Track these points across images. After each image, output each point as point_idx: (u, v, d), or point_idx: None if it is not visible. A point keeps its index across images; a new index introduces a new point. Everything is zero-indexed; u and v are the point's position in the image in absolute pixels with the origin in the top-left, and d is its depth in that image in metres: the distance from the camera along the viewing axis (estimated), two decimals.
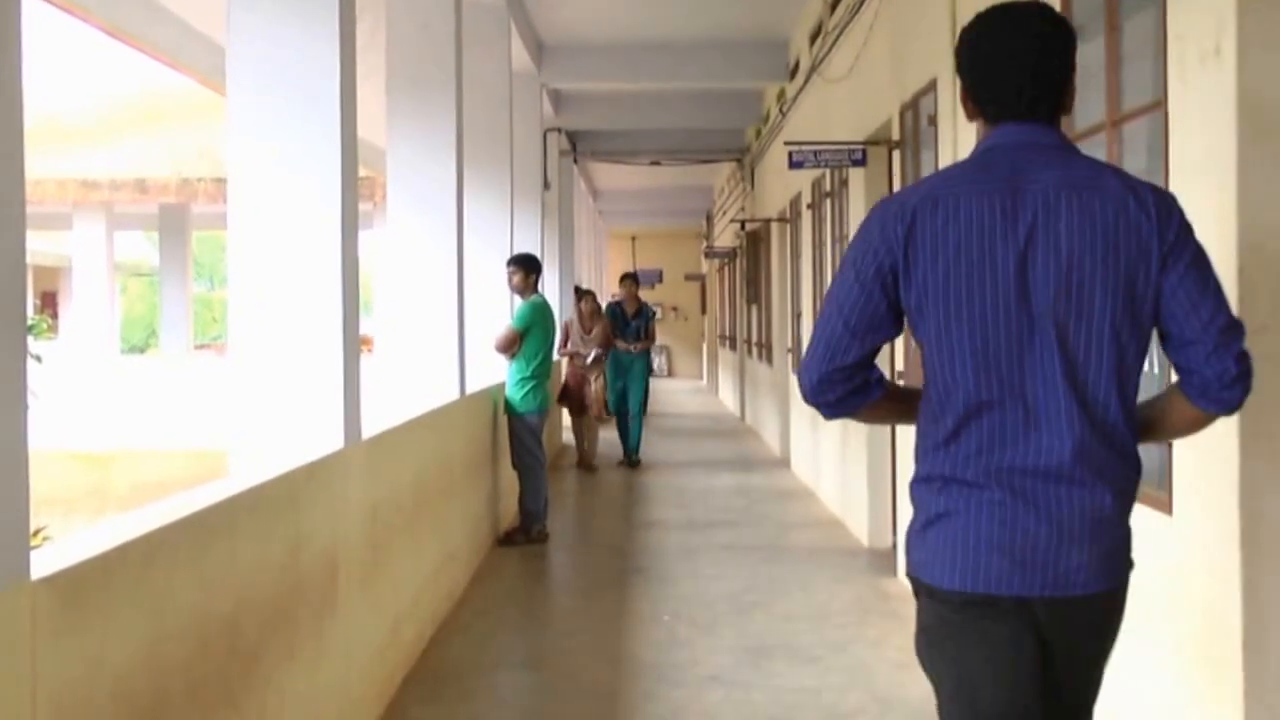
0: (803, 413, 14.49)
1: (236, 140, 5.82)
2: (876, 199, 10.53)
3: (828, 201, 12.84)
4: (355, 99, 6.09)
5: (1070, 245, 2.90)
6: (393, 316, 9.62)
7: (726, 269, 29.27)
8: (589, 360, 15.69)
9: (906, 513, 9.00)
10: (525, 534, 11.07)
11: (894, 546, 9.92)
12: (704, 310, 40.19)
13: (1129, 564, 3.02)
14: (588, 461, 16.12)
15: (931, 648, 3.04)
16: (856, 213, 11.06)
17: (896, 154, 9.52)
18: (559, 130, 20.29)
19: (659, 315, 16.75)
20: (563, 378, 16.30)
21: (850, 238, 11.23)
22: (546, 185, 18.39)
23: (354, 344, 6.05)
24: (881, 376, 3.09)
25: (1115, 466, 2.93)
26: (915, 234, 2.95)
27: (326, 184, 5.82)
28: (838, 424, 12.14)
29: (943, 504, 2.98)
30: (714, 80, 17.17)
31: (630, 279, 17.48)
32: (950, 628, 2.98)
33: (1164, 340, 3.00)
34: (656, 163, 23.99)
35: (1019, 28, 3.04)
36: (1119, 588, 3.00)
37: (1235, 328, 2.94)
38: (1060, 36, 3.05)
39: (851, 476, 11.48)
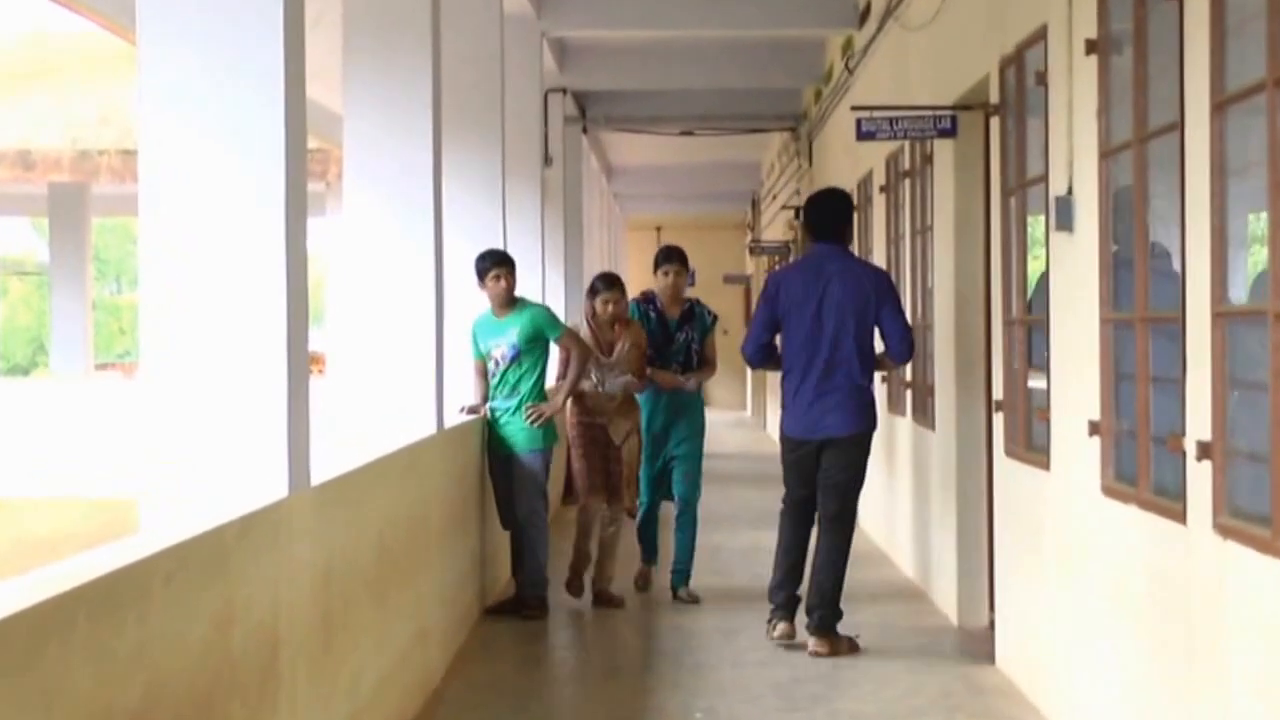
0: (875, 454, 14.46)
1: (150, 102, 5.83)
2: (970, 178, 10.57)
3: (906, 182, 12.83)
4: (303, 50, 6.10)
5: (840, 295, 9.88)
6: (351, 328, 9.63)
7: (777, 268, 29.27)
8: (612, 391, 11.67)
9: (1007, 584, 8.99)
10: (524, 605, 11.05)
11: (991, 626, 9.89)
12: (748, 321, 40.16)
13: (859, 424, 10.02)
14: (602, 587, 11.80)
15: (783, 459, 10.35)
16: (944, 196, 11.06)
17: (995, 121, 9.51)
18: (564, 91, 20.33)
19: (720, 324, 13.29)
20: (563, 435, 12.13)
21: (935, 227, 11.27)
22: (548, 161, 18.41)
23: (301, 363, 6.06)
24: (775, 345, 10.33)
25: (852, 387, 9.94)
26: (780, 290, 10.12)
27: (266, 158, 5.83)
28: (916, 474, 12.14)
29: (788, 403, 10.17)
30: (762, 27, 17.19)
31: (673, 258, 12.49)
32: (790, 450, 10.22)
33: (881, 334, 10.07)
34: (688, 133, 24.01)
35: (832, 201, 10.41)
36: (850, 434, 9.98)
37: (909, 333, 10.22)
38: (848, 205, 10.46)
39: (936, 537, 11.46)
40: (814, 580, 9.95)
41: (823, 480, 10.01)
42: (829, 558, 9.95)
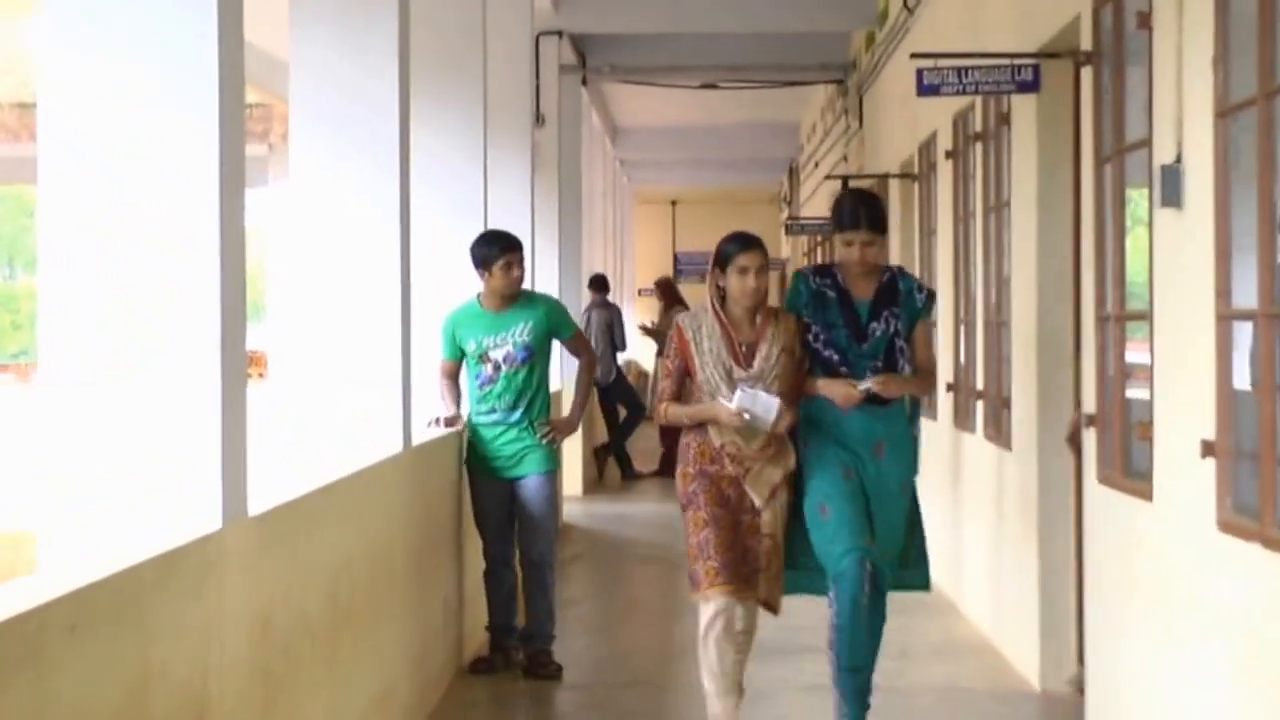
0: (935, 485, 14.47)
1: (53, 46, 5.81)
2: (1055, 142, 10.56)
3: (977, 147, 12.82)
4: None
5: None
6: (298, 322, 9.61)
7: (820, 251, 29.32)
8: (758, 426, 8.88)
9: (1099, 638, 8.98)
10: (536, 663, 11.00)
11: (1079, 689, 9.87)
12: None
13: None
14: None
15: None
16: (1025, 164, 11.03)
17: (1087, 73, 9.49)
18: (559, 34, 20.35)
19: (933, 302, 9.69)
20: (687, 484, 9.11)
21: (1013, 202, 11.23)
22: (540, 120, 18.42)
23: (238, 365, 6.04)
24: None
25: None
26: None
27: (195, 115, 5.82)
28: (989, 503, 12.13)
29: None
30: None
31: (859, 218, 9.10)
32: None
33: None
34: (712, 86, 24.05)
35: None
36: None
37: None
38: None
39: (1013, 581, 11.45)
40: None
41: None
42: None
